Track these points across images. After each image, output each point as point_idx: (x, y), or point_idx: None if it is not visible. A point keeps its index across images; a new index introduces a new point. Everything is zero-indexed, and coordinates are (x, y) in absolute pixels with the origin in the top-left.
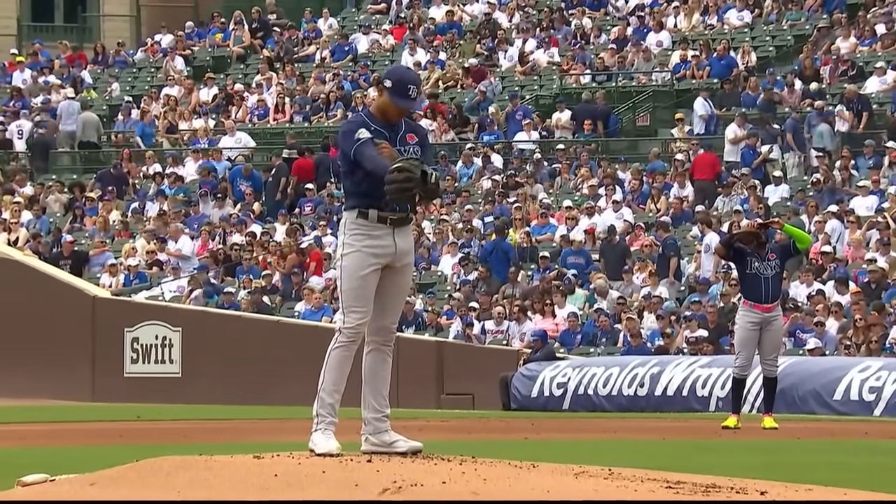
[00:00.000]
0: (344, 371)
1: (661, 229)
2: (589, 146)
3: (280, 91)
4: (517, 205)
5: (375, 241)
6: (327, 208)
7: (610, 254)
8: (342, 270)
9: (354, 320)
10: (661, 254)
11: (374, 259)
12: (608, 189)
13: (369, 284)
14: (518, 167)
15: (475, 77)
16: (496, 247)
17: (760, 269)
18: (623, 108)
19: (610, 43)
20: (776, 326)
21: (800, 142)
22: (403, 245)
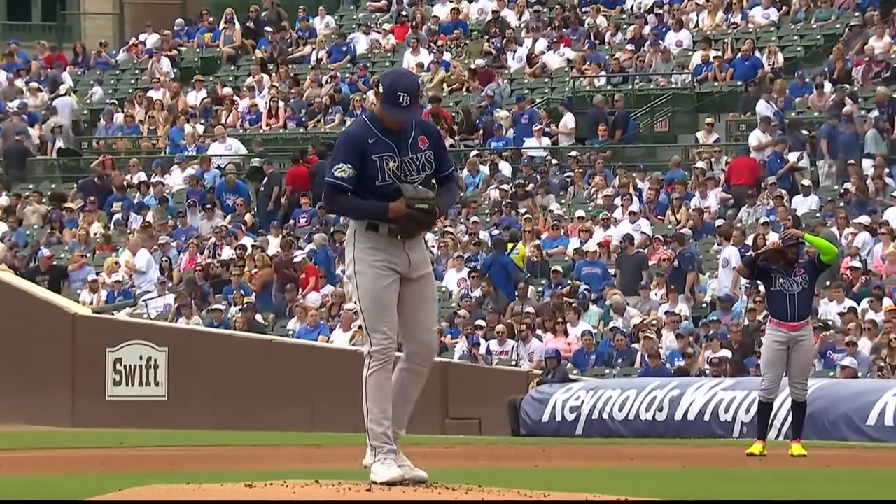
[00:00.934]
0: (385, 394)
1: (677, 242)
2: (604, 153)
3: (273, 94)
4: (527, 216)
5: (388, 256)
6: (323, 220)
7: (626, 268)
8: (357, 291)
9: (380, 341)
10: (676, 268)
11: (389, 272)
12: (624, 199)
13: (389, 300)
14: (528, 176)
15: (482, 79)
16: (495, 261)
17: (786, 286)
18: (640, 112)
19: (626, 43)
20: (805, 347)
21: (834, 149)
22: (417, 257)
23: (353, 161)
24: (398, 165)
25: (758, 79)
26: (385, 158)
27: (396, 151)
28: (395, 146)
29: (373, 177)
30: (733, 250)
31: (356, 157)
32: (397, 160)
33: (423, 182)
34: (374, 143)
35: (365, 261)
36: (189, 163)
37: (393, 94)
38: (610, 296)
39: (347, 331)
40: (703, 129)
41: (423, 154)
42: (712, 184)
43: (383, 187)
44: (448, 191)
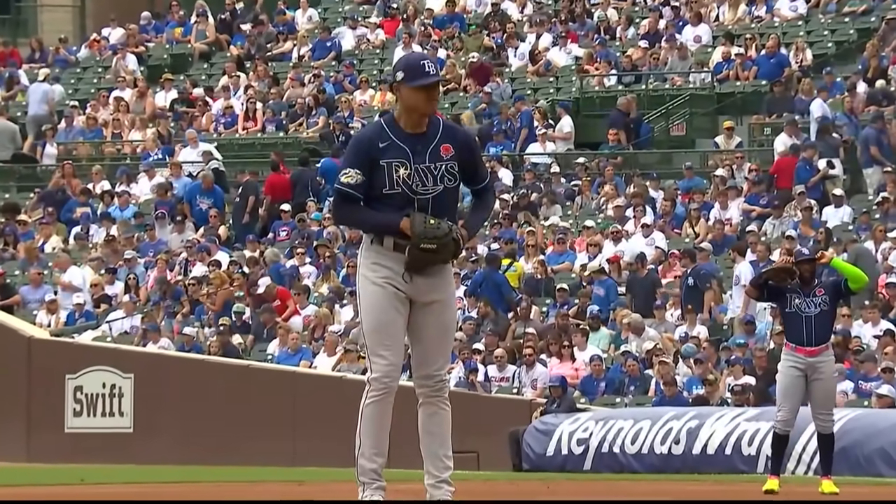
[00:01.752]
0: (382, 428)
1: (690, 258)
2: (614, 159)
3: (250, 95)
4: (530, 229)
5: (391, 273)
6: (304, 233)
7: (639, 286)
8: (361, 308)
9: (382, 367)
10: (691, 286)
11: (392, 291)
12: (637, 210)
13: (394, 324)
14: (531, 184)
15: (479, 78)
16: (486, 279)
17: (803, 307)
18: (654, 114)
19: (639, 38)
20: (826, 374)
21: (887, 154)
22: (424, 278)
23: (362, 166)
24: (410, 174)
25: (784, 78)
26: (395, 165)
27: (410, 158)
28: (410, 152)
29: (380, 184)
30: (746, 267)
31: (365, 161)
32: (409, 168)
33: (441, 195)
34: (385, 147)
35: (367, 277)
36: (157, 170)
37: (416, 65)
38: (622, 316)
39: (332, 355)
40: (723, 134)
41: (445, 164)
42: (734, 193)
43: (390, 196)
44: (481, 207)
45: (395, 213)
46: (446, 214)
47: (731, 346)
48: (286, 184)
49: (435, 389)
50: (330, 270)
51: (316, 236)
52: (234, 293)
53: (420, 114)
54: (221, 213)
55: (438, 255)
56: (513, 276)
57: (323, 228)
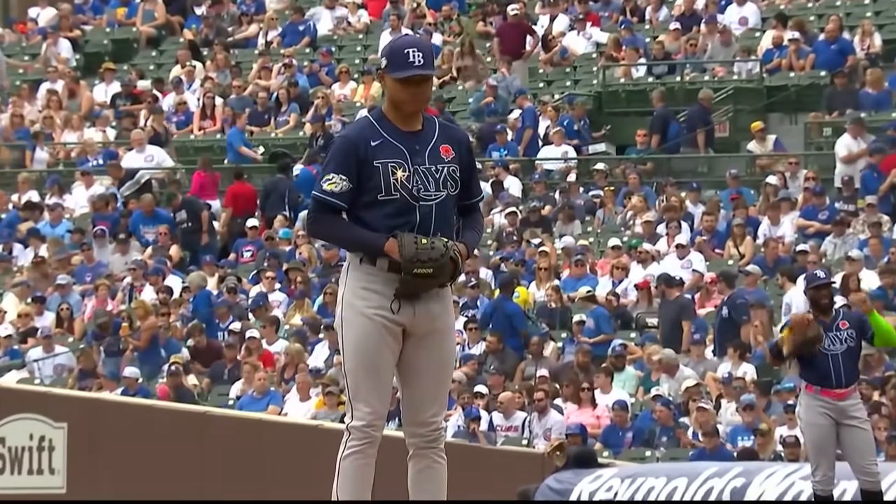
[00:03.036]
0: (363, 484)
1: (726, 283)
2: (643, 165)
3: (208, 89)
4: (542, 248)
5: (385, 300)
6: (271, 252)
7: (672, 317)
8: (342, 341)
9: (364, 414)
10: (726, 318)
11: (384, 323)
12: (671, 226)
13: (383, 363)
14: (543, 195)
15: (510, 43)
16: (497, 308)
17: (826, 344)
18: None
19: (673, 21)
20: (860, 418)
21: None
22: (426, 305)
23: (350, 170)
24: (409, 176)
25: (847, 68)
26: (391, 165)
27: (407, 158)
28: (407, 151)
29: (375, 189)
30: (799, 295)
31: (352, 165)
32: (408, 169)
33: (445, 202)
34: (378, 145)
35: (354, 306)
36: (96, 178)
37: (399, 52)
38: (651, 353)
39: (306, 399)
40: (756, 138)
41: (447, 167)
42: (787, 206)
43: (388, 203)
44: (474, 225)
45: (381, 231)
46: (449, 226)
47: (782, 389)
48: (251, 195)
49: (429, 440)
50: (304, 298)
51: (287, 257)
52: (160, 326)
53: (404, 111)
54: (173, 231)
55: (434, 280)
56: (524, 301)
57: (295, 248)
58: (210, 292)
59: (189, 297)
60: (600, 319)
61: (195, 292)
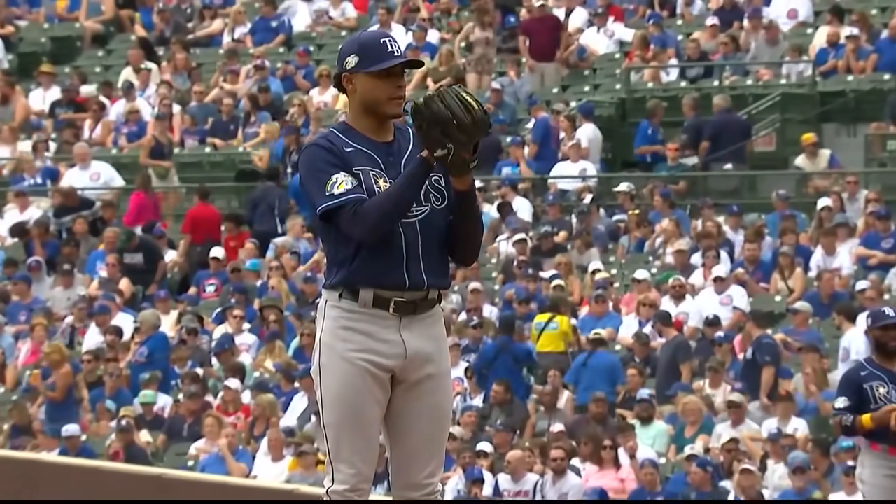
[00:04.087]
0: None
1: (756, 322)
2: (675, 185)
3: (164, 95)
4: (556, 282)
5: (370, 342)
6: (238, 286)
7: (668, 358)
8: (320, 390)
9: (347, 477)
10: (749, 360)
11: (369, 369)
12: (708, 256)
13: (369, 417)
14: (558, 220)
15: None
16: (501, 351)
17: (892, 396)
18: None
19: (710, 15)
20: None
21: None
22: (420, 344)
23: (341, 168)
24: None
25: None
26: (372, 174)
27: (383, 169)
28: (382, 162)
29: None
30: (858, 337)
31: (339, 165)
32: (384, 179)
33: (431, 217)
34: (352, 152)
35: (334, 349)
36: (32, 200)
37: (373, 44)
38: (685, 403)
39: (278, 459)
40: (806, 151)
41: (429, 178)
42: (844, 233)
43: None
44: None
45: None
46: (439, 245)
47: (840, 449)
48: (214, 219)
49: None
50: (277, 340)
51: (258, 293)
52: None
53: (383, 114)
54: (122, 262)
55: (478, 132)
56: (555, 336)
57: (266, 281)
58: (165, 334)
59: (141, 340)
60: (611, 370)
61: (148, 333)
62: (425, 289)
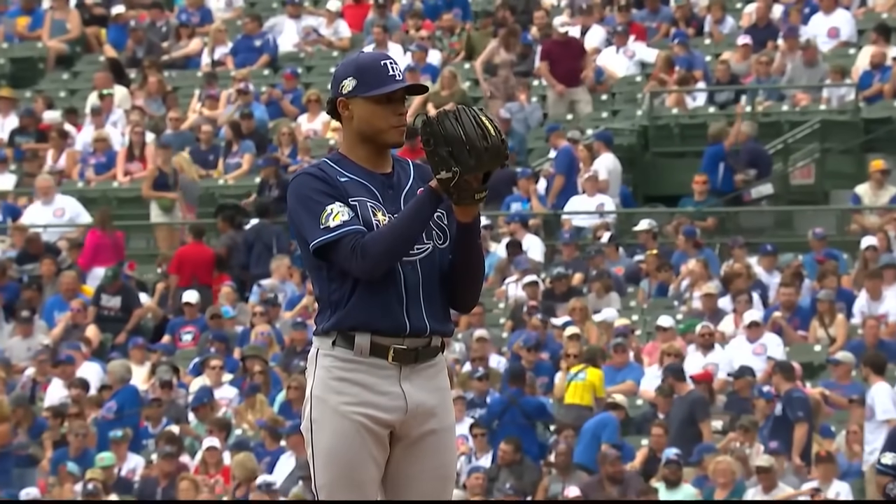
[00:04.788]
0: None
1: (784, 375)
2: (702, 221)
3: (136, 122)
4: (571, 330)
5: (367, 394)
6: (217, 334)
7: (683, 417)
8: (311, 448)
9: None
10: (779, 416)
11: (366, 424)
12: (739, 300)
13: (366, 478)
14: (572, 261)
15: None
16: (510, 406)
17: None
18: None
19: (741, 33)
20: None
21: None
22: (422, 397)
23: (336, 200)
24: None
25: None
26: (369, 206)
27: (380, 202)
28: (380, 194)
29: None
30: (884, 389)
31: (334, 195)
32: (383, 212)
33: (432, 258)
34: (347, 182)
35: (326, 402)
36: None
37: (372, 67)
38: (715, 464)
39: None
40: (871, 181)
41: None
42: (892, 275)
43: None
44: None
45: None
46: (440, 286)
47: None
48: (208, 261)
49: None
50: (258, 394)
51: (238, 341)
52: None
53: (381, 143)
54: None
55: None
56: (580, 388)
57: (249, 329)
58: (137, 387)
59: (110, 394)
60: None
61: (118, 387)
62: (427, 335)
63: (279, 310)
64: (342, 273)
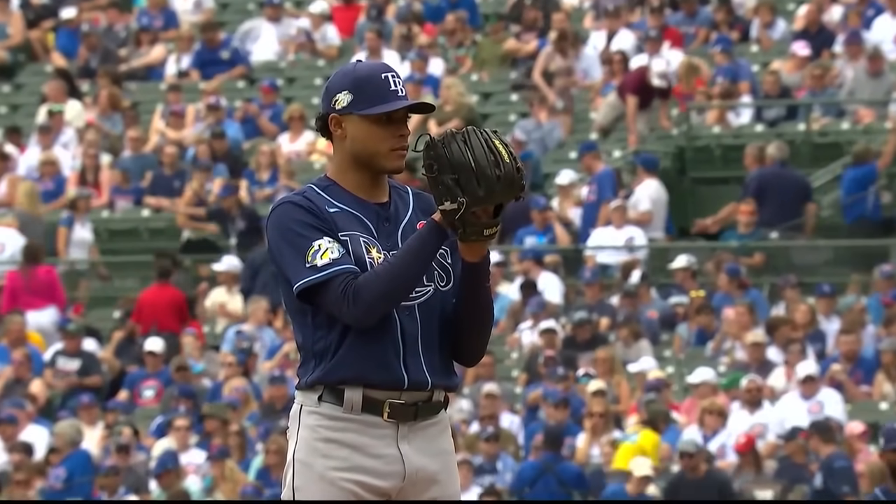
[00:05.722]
0: None
1: (822, 436)
2: (749, 258)
3: (90, 142)
4: (596, 386)
5: (359, 458)
6: (185, 389)
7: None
8: None
9: None
10: (819, 490)
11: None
12: (791, 350)
13: None
14: (597, 303)
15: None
16: (545, 471)
17: None
18: (821, 175)
19: (794, 40)
20: None
21: None
22: (422, 461)
23: (325, 234)
24: (383, 258)
25: None
26: (363, 241)
27: (375, 236)
28: (373, 228)
29: None
30: None
31: (322, 228)
32: (378, 248)
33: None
34: (337, 213)
35: (311, 468)
36: None
37: (372, 80)
38: None
39: None
40: None
41: None
42: None
43: None
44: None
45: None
46: (441, 335)
47: None
48: (178, 303)
49: None
50: (226, 459)
51: (208, 397)
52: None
53: (378, 168)
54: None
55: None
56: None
57: (220, 384)
58: (89, 452)
59: (59, 459)
60: None
61: (67, 451)
62: (429, 389)
63: (256, 360)
64: (330, 319)
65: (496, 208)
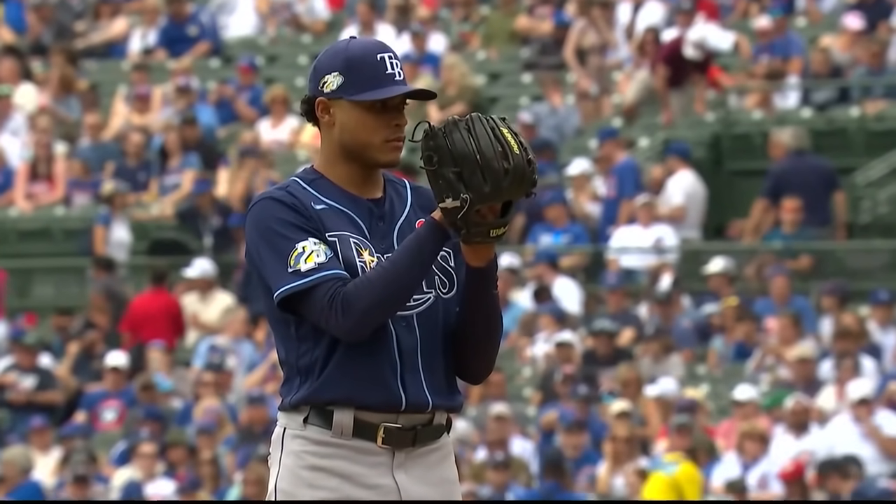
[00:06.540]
0: None
1: (820, 471)
2: (793, 260)
3: (43, 129)
4: (620, 407)
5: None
6: (152, 411)
7: None
8: None
9: None
10: None
11: None
12: (843, 366)
13: None
14: (621, 313)
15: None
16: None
17: None
18: (878, 166)
19: (846, 12)
20: None
21: None
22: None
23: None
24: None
25: None
26: (353, 242)
27: (366, 237)
28: (366, 227)
29: None
30: None
31: (307, 228)
32: (371, 251)
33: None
34: (324, 210)
35: (296, 498)
36: None
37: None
38: None
39: None
40: None
41: None
42: None
43: None
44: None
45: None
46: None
47: None
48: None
49: None
50: (197, 491)
51: (178, 419)
52: None
53: (371, 160)
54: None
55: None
56: (662, 483)
57: (191, 404)
58: (40, 483)
59: (5, 491)
60: None
61: (16, 481)
62: (429, 410)
63: (232, 377)
64: (316, 331)
65: (504, 206)
